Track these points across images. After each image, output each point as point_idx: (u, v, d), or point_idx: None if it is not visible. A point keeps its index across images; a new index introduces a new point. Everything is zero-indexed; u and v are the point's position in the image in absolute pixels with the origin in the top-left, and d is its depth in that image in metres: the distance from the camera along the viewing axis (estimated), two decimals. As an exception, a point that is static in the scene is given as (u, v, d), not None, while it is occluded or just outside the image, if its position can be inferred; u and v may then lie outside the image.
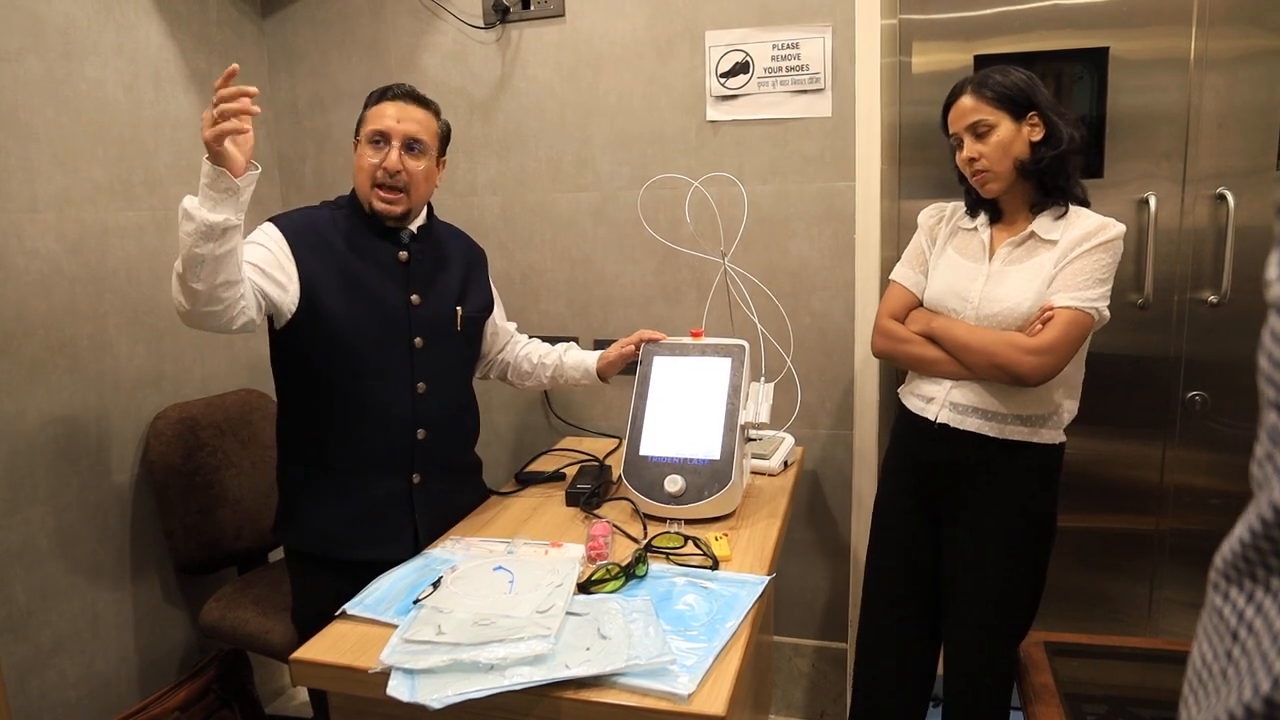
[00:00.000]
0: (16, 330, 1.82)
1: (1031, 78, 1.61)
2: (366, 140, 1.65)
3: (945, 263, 1.74)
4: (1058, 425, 1.66)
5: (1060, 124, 1.59)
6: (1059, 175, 1.60)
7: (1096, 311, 1.56)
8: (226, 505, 2.17)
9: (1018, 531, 1.66)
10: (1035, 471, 1.66)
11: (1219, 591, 0.43)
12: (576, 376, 1.97)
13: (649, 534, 1.62)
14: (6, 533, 1.81)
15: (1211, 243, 2.06)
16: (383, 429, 1.67)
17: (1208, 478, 2.15)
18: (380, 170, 1.63)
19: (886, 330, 1.77)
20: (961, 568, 1.71)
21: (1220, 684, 0.41)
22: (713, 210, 2.25)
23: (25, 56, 1.84)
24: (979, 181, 1.64)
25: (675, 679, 1.14)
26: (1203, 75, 2.01)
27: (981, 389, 1.65)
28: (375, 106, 1.67)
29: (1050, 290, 1.58)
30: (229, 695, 2.06)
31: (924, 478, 1.77)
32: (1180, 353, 2.12)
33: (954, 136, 1.67)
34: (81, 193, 1.96)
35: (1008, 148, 1.60)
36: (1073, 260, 1.57)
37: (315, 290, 1.60)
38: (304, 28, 2.50)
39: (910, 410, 1.77)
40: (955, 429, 1.67)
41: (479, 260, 1.92)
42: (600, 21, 2.27)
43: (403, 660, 1.19)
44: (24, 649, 1.85)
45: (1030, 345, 1.55)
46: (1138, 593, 2.25)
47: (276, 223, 1.64)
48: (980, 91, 1.60)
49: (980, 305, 1.64)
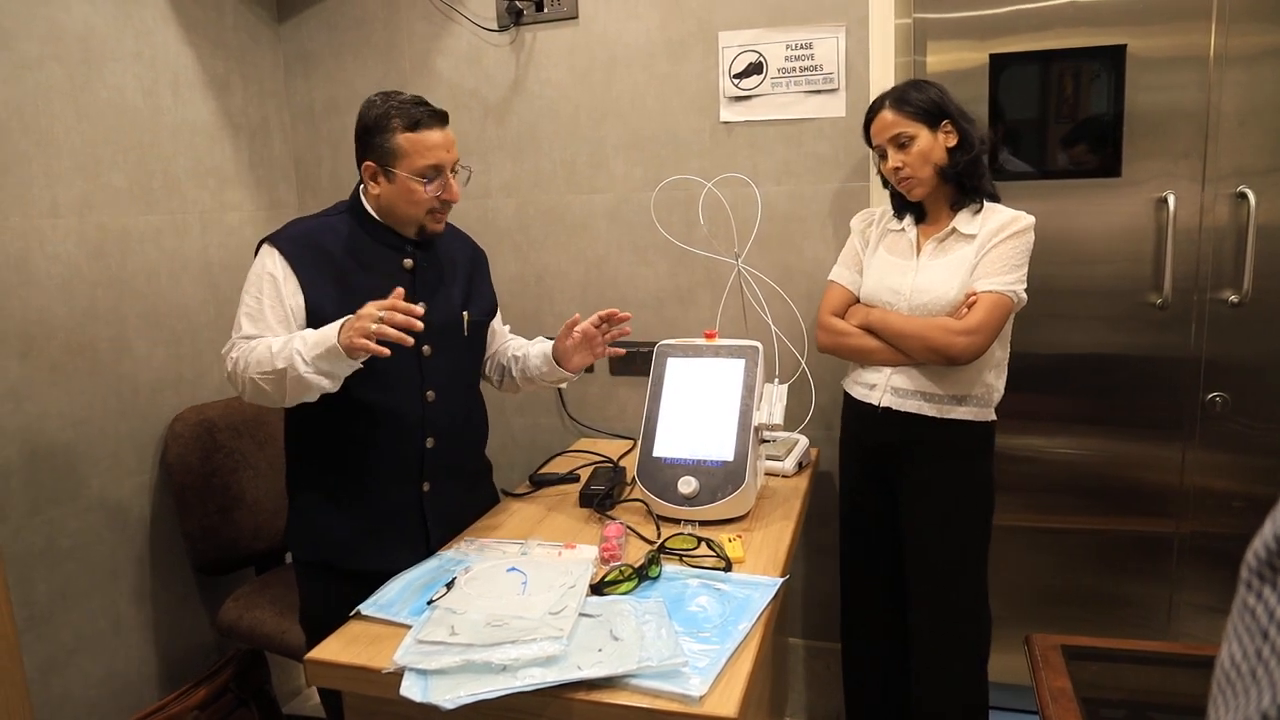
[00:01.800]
0: (38, 334, 1.85)
1: (942, 90, 1.79)
2: (417, 175, 1.58)
3: (877, 261, 1.90)
4: (988, 404, 1.82)
5: (970, 130, 1.77)
6: (975, 175, 1.78)
7: (1015, 294, 1.73)
8: (244, 506, 2.19)
9: (961, 496, 1.84)
10: (971, 446, 1.83)
11: (1251, 590, 0.42)
12: (540, 367, 1.81)
13: (662, 535, 1.62)
14: (28, 533, 1.84)
15: (1232, 242, 2.04)
16: (392, 439, 1.64)
17: (1228, 480, 2.12)
18: (440, 200, 1.62)
19: (828, 326, 1.92)
20: (916, 532, 1.87)
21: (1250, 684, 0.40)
22: (726, 211, 2.25)
23: (47, 64, 1.86)
24: (905, 187, 1.80)
25: (687, 681, 1.14)
26: (1223, 72, 1.98)
27: (918, 373, 1.81)
28: (413, 135, 1.57)
29: (973, 278, 1.75)
30: (246, 695, 2.08)
31: (873, 459, 1.94)
32: (1200, 353, 2.09)
33: (877, 148, 1.83)
34: (102, 197, 1.99)
35: (928, 155, 1.76)
36: (990, 250, 1.74)
37: (320, 305, 1.58)
38: (319, 32, 2.52)
39: (855, 398, 1.92)
40: (897, 411, 1.82)
41: (481, 261, 1.89)
42: (614, 23, 2.28)
43: (416, 661, 1.19)
44: (46, 648, 1.88)
45: (959, 327, 1.72)
46: (1157, 596, 2.23)
47: (276, 244, 1.60)
48: (899, 106, 1.77)
49: (911, 296, 1.80)
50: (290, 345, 1.46)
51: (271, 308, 1.57)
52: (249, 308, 1.58)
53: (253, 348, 1.51)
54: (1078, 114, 2.12)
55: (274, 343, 1.49)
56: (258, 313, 1.56)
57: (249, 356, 1.51)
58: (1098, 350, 2.17)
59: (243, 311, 1.58)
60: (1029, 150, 2.16)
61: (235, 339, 1.57)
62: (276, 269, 1.58)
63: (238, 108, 2.38)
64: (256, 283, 1.59)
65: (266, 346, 1.49)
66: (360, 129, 1.63)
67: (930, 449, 1.82)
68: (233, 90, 2.36)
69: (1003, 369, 1.84)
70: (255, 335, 1.55)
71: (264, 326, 1.56)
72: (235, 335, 1.58)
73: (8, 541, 1.78)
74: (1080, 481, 2.23)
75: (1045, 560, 2.29)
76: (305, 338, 1.48)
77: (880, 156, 1.82)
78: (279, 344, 1.48)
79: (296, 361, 1.45)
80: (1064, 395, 2.22)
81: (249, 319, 1.57)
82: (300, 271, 1.59)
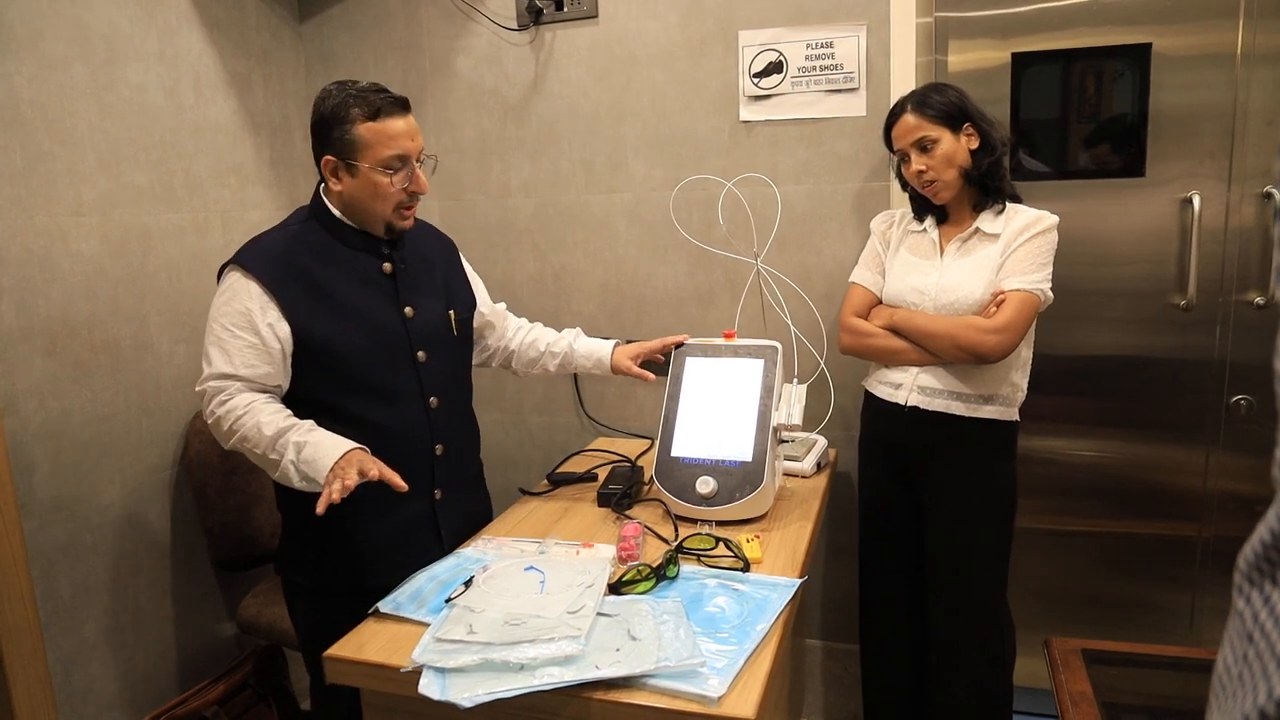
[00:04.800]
0: (62, 331, 1.87)
1: (961, 92, 1.78)
2: (381, 167, 1.49)
3: (900, 262, 1.89)
4: (1013, 404, 1.82)
5: (991, 131, 1.77)
6: (997, 176, 1.78)
7: (1042, 292, 1.73)
8: (263, 503, 2.20)
9: (984, 496, 1.83)
10: (996, 446, 1.83)
11: (1241, 594, 0.42)
12: (587, 366, 1.87)
13: (680, 535, 1.62)
14: (52, 528, 1.86)
15: (1258, 243, 2.01)
16: (403, 452, 1.54)
17: (1252, 483, 2.09)
18: (407, 193, 1.54)
19: (851, 327, 1.91)
20: (938, 531, 1.87)
21: (1237, 687, 0.40)
22: (746, 211, 2.24)
23: (71, 63, 1.88)
24: (930, 191, 1.80)
25: (705, 681, 1.14)
26: (1250, 71, 1.96)
27: (946, 372, 1.80)
28: (374, 124, 1.48)
29: (999, 277, 1.75)
30: (265, 690, 2.09)
31: (896, 458, 1.93)
32: (1225, 355, 2.07)
33: (899, 152, 1.83)
34: (124, 196, 2.00)
35: (951, 158, 1.76)
36: (1016, 249, 1.74)
37: (308, 329, 1.50)
38: (341, 31, 2.53)
39: (878, 397, 1.91)
40: (925, 410, 1.82)
41: (454, 254, 1.81)
42: (633, 22, 2.27)
43: (434, 659, 1.19)
44: (69, 642, 1.89)
45: (989, 325, 1.71)
46: (1179, 601, 2.21)
47: (247, 270, 1.49)
48: (921, 110, 1.77)
49: (937, 296, 1.80)
50: (285, 454, 1.42)
51: (249, 347, 1.48)
52: (219, 339, 1.49)
53: (238, 415, 1.45)
54: (1101, 113, 2.10)
55: (264, 422, 1.44)
56: (233, 349, 1.48)
57: (235, 423, 1.46)
58: (1121, 352, 2.15)
59: (211, 341, 1.49)
60: (1052, 150, 2.14)
61: (210, 381, 1.49)
62: (252, 301, 1.48)
63: (259, 106, 2.40)
64: (230, 315, 1.48)
65: (256, 425, 1.44)
66: (316, 121, 1.52)
67: (956, 448, 1.82)
68: (254, 89, 2.38)
69: (1027, 369, 1.84)
70: (229, 375, 1.48)
71: (240, 365, 1.47)
72: (208, 370, 1.49)
73: (32, 536, 1.80)
74: (1102, 484, 2.21)
75: (1067, 563, 2.27)
76: (300, 450, 1.42)
77: (902, 160, 1.83)
78: (270, 430, 1.43)
79: (289, 471, 1.42)
80: (1086, 397, 2.20)
81: (220, 353, 1.48)
82: (280, 296, 1.49)
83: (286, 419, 1.47)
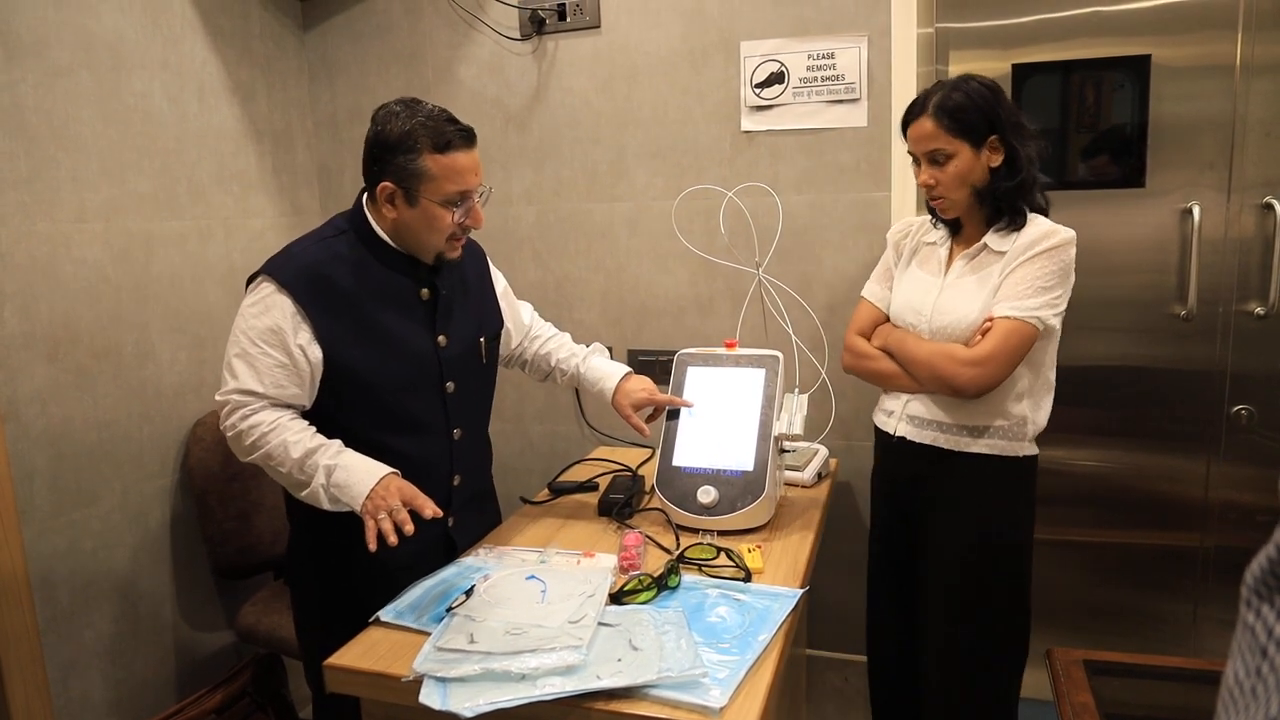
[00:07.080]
0: (64, 338, 1.87)
1: (995, 92, 1.57)
2: (443, 201, 1.44)
3: (907, 277, 1.76)
4: (1020, 437, 1.63)
5: (1020, 149, 1.57)
6: (1015, 198, 1.59)
7: (1039, 321, 1.54)
8: (264, 511, 2.20)
9: (984, 538, 1.65)
10: (998, 485, 1.64)
11: (1250, 608, 0.42)
12: (592, 392, 1.84)
13: (681, 545, 1.62)
14: (52, 535, 1.85)
15: (1258, 253, 2.02)
16: (422, 483, 1.45)
17: (1254, 494, 2.10)
18: (461, 227, 1.50)
19: (851, 346, 1.81)
20: (933, 574, 1.72)
21: (1250, 701, 0.40)
22: (747, 221, 2.25)
23: (77, 71, 1.88)
24: (935, 206, 1.67)
25: (707, 692, 1.14)
26: (1249, 82, 1.97)
27: (933, 402, 1.66)
28: (442, 158, 1.42)
29: (995, 300, 1.57)
30: (264, 699, 2.08)
31: (897, 491, 1.80)
32: (1226, 365, 2.07)
33: (912, 154, 1.67)
34: (128, 203, 2.01)
35: (965, 176, 1.58)
36: (1016, 269, 1.56)
37: (338, 354, 1.46)
38: (344, 40, 2.54)
39: (876, 425, 1.81)
40: (913, 442, 1.69)
41: (484, 267, 1.76)
42: (635, 32, 2.28)
43: (435, 668, 1.19)
44: (67, 649, 1.89)
45: (966, 357, 1.55)
46: (1181, 611, 2.20)
47: (283, 284, 1.44)
48: (940, 117, 1.57)
49: (932, 318, 1.65)
50: (315, 478, 1.40)
51: (278, 366, 1.43)
52: (247, 353, 1.43)
53: (263, 431, 1.42)
54: (1101, 124, 2.11)
55: (291, 442, 1.41)
56: (263, 367, 1.43)
57: (260, 439, 1.42)
58: (1121, 362, 2.15)
59: (237, 354, 1.44)
60: (1052, 161, 2.15)
61: (235, 394, 1.44)
62: (285, 319, 1.43)
63: (262, 115, 2.40)
64: (259, 330, 1.43)
65: (283, 444, 1.41)
66: (378, 144, 1.44)
67: (951, 484, 1.66)
68: (257, 97, 2.39)
69: (1040, 399, 1.65)
70: (254, 393, 1.43)
71: (269, 385, 1.43)
72: (233, 384, 1.44)
73: (31, 542, 1.80)
74: (1103, 494, 2.22)
75: (1068, 574, 2.27)
76: (330, 474, 1.40)
77: (915, 162, 1.67)
78: (298, 452, 1.40)
79: (319, 494, 1.40)
80: (1087, 407, 2.20)
81: (248, 369, 1.43)
82: (315, 317, 1.44)
83: (314, 438, 1.44)
